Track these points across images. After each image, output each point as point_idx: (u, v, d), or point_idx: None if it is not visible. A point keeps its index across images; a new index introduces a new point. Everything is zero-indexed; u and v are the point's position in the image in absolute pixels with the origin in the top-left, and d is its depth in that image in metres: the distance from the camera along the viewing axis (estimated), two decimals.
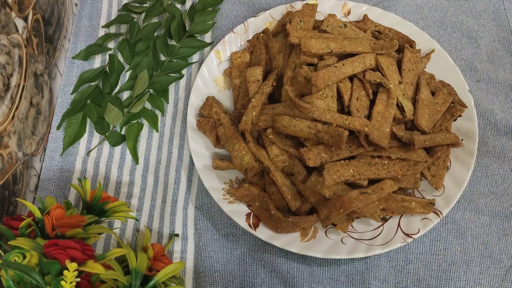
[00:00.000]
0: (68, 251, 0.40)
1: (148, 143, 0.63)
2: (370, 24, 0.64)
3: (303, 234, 0.54)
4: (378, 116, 0.54)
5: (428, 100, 0.57)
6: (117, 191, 0.60)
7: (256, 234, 0.53)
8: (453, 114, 0.58)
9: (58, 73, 0.67)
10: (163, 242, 0.57)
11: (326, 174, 0.51)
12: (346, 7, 0.67)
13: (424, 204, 0.54)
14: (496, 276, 0.55)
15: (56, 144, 0.63)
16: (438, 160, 0.57)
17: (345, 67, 0.54)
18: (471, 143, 0.57)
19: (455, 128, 0.59)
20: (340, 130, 0.51)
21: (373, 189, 0.53)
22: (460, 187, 0.55)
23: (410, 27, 0.65)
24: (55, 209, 0.46)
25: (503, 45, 0.69)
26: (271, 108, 0.56)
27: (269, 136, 0.55)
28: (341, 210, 0.51)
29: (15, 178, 0.54)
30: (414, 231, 0.53)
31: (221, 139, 0.58)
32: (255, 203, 0.55)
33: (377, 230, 0.54)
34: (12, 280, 0.40)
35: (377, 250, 0.52)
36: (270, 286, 0.55)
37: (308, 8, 0.62)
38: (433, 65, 0.63)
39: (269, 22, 0.67)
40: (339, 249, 0.52)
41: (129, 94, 0.66)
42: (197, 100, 0.62)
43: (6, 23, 0.52)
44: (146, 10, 0.71)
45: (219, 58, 0.65)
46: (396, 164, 0.54)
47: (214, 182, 0.57)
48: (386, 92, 0.55)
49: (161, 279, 0.46)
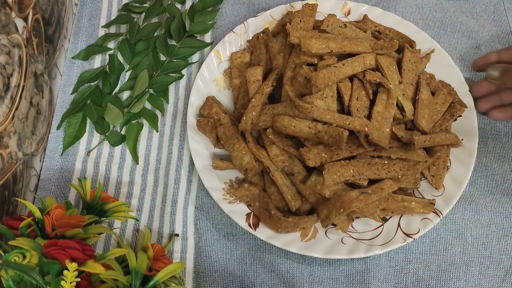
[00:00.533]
0: (68, 251, 0.40)
1: (148, 143, 0.63)
2: (370, 24, 0.64)
3: (303, 234, 0.54)
4: (378, 116, 0.54)
5: (428, 100, 0.57)
6: (117, 191, 0.60)
7: (256, 234, 0.53)
8: (453, 114, 0.58)
9: (58, 73, 0.67)
10: (163, 242, 0.57)
11: (326, 174, 0.51)
12: (346, 7, 0.67)
13: (424, 204, 0.54)
14: (496, 276, 0.55)
15: (56, 144, 0.63)
16: (438, 160, 0.57)
17: (345, 67, 0.54)
18: (471, 143, 0.57)
19: (455, 128, 0.59)
20: (340, 130, 0.51)
21: (373, 189, 0.53)
22: (460, 187, 0.55)
23: (410, 27, 0.65)
24: (55, 209, 0.46)
25: (503, 45, 0.68)
26: (271, 108, 0.56)
27: (269, 136, 0.55)
28: (341, 210, 0.51)
29: (15, 178, 0.54)
30: (414, 231, 0.53)
31: (221, 139, 0.58)
32: (255, 203, 0.55)
33: (377, 230, 0.54)
34: (12, 280, 0.40)
35: (377, 250, 0.52)
36: (270, 286, 0.55)
37: (308, 8, 0.62)
38: (433, 65, 0.63)
39: (269, 22, 0.67)
40: (339, 249, 0.52)
41: (129, 94, 0.66)
42: (197, 100, 0.62)
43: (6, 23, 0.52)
44: (146, 10, 0.71)
45: (219, 58, 0.65)
46: (396, 164, 0.54)
47: (214, 182, 0.57)
48: (386, 92, 0.55)
49: (161, 279, 0.46)
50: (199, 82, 0.63)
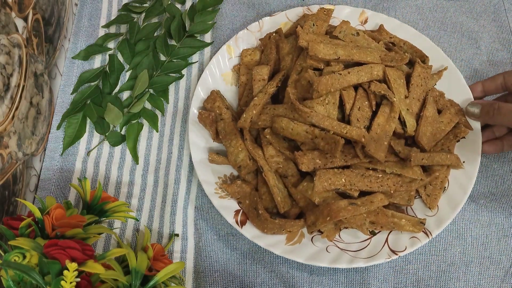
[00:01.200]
0: (68, 251, 0.40)
1: (148, 143, 0.63)
2: (385, 34, 0.63)
3: (289, 237, 0.54)
4: (378, 128, 0.53)
5: (433, 118, 0.56)
6: (117, 191, 0.60)
7: (242, 232, 0.53)
8: (457, 135, 0.57)
9: (58, 73, 0.67)
10: (163, 242, 0.57)
11: (317, 181, 0.51)
12: (364, 15, 0.66)
13: (414, 222, 0.53)
14: (496, 277, 0.55)
15: (56, 144, 0.63)
16: (435, 180, 0.55)
17: (350, 75, 0.53)
18: (472, 167, 0.56)
19: (459, 149, 0.57)
20: (337, 138, 0.50)
21: (363, 201, 0.52)
22: (454, 210, 0.54)
23: (426, 41, 0.63)
24: (55, 209, 0.46)
25: (504, 45, 0.69)
26: (272, 109, 0.56)
27: (266, 136, 0.55)
28: (327, 218, 0.50)
29: (15, 178, 0.54)
30: (401, 248, 0.52)
31: (220, 133, 0.59)
32: (245, 201, 0.56)
33: (364, 243, 0.54)
34: (12, 280, 0.40)
35: (360, 263, 0.52)
36: (270, 286, 0.55)
37: (323, 13, 0.61)
38: (445, 83, 0.61)
39: (284, 22, 0.66)
40: (322, 257, 0.52)
41: (129, 94, 0.66)
42: (203, 92, 0.62)
43: (6, 23, 0.52)
44: (146, 10, 0.71)
45: (230, 54, 0.65)
46: (390, 179, 0.53)
47: (208, 176, 0.57)
48: (389, 105, 0.54)
49: (161, 279, 0.46)
50: (207, 74, 0.63)
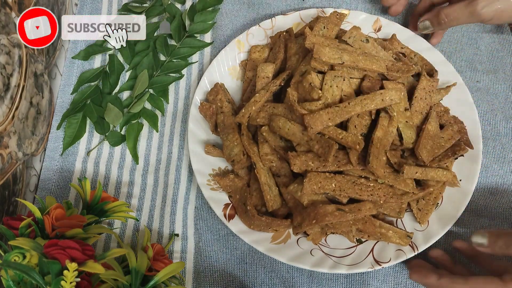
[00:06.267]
0: (68, 251, 0.40)
1: (148, 143, 0.63)
2: (397, 44, 0.63)
3: (275, 236, 0.54)
4: (378, 143, 0.52)
5: (434, 132, 0.55)
6: (117, 191, 0.60)
7: (228, 225, 0.54)
8: (455, 152, 0.55)
9: (58, 73, 0.67)
10: (163, 242, 0.57)
11: (306, 183, 0.51)
12: (378, 23, 0.66)
13: (402, 235, 0.53)
14: None
15: (56, 144, 0.63)
16: (429, 195, 0.55)
17: (352, 106, 0.52)
18: (468, 186, 0.55)
19: (457, 167, 0.57)
20: (331, 142, 0.50)
21: (351, 208, 0.52)
22: (444, 228, 0.53)
23: (438, 56, 0.63)
24: (55, 209, 0.46)
25: (503, 46, 0.69)
26: (271, 107, 0.56)
27: (263, 134, 0.55)
28: (313, 221, 0.50)
29: (15, 178, 0.54)
30: (386, 259, 0.52)
31: (219, 126, 0.59)
32: (236, 196, 0.56)
33: (349, 250, 0.53)
34: (12, 280, 0.40)
35: (342, 269, 0.52)
36: (270, 286, 0.55)
37: (335, 17, 0.61)
38: (451, 99, 0.60)
39: (296, 23, 0.66)
40: (305, 259, 0.52)
41: (129, 94, 0.66)
42: (208, 83, 0.63)
43: (6, 23, 0.52)
44: (146, 10, 0.71)
45: (239, 48, 0.65)
46: (381, 189, 0.52)
47: (202, 166, 0.57)
48: (387, 118, 0.53)
49: (161, 279, 0.46)
50: (214, 66, 0.63)
